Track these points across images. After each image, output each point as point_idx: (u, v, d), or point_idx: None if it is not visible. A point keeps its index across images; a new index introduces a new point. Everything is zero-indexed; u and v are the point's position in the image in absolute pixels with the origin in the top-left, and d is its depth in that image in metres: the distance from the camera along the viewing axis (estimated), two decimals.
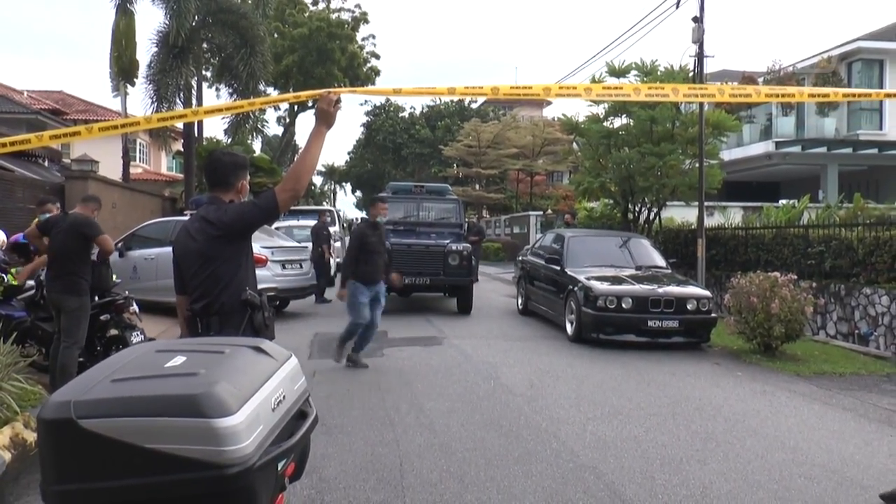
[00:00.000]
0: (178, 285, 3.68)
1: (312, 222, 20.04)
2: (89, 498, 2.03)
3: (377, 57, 46.26)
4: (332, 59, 40.48)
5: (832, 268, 11.71)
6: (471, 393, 7.38)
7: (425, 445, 5.58)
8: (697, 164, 15.02)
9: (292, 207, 24.59)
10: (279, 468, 2.27)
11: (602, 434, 5.99)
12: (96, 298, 7.23)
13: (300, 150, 3.54)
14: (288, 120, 46.24)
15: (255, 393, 2.19)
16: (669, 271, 11.92)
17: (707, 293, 10.66)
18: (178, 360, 2.27)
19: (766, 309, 9.42)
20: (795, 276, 10.06)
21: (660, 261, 12.32)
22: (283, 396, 2.37)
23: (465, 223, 15.08)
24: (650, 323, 10.11)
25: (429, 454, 5.37)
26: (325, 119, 3.52)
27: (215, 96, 36.42)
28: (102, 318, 7.36)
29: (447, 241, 13.41)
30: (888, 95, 4.78)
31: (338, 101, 3.54)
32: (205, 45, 22.68)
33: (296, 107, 44.48)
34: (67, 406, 2.02)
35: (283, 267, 12.83)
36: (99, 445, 1.99)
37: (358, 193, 71.33)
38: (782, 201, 18.94)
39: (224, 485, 2.01)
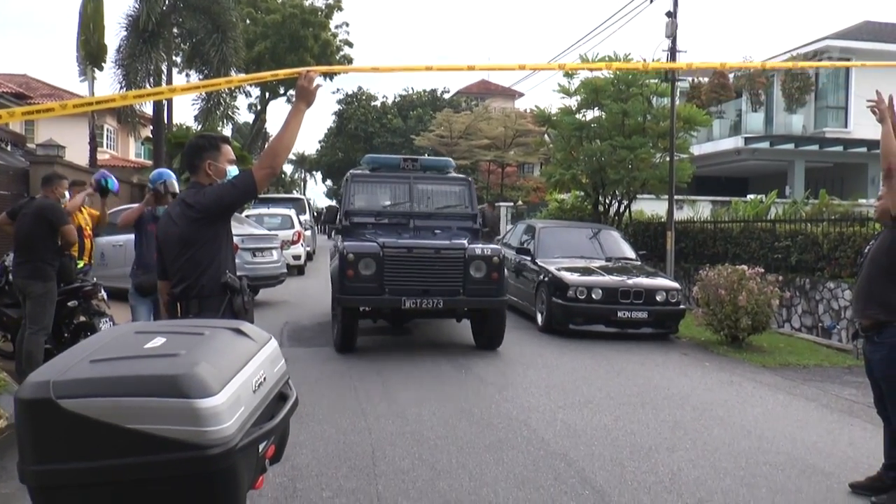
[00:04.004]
0: (160, 270, 3.72)
1: (284, 211, 19.95)
2: (69, 478, 2.01)
3: (350, 45, 46.04)
4: (304, 46, 40.16)
5: (798, 262, 11.91)
6: (441, 382, 7.41)
7: (397, 433, 5.60)
8: (668, 158, 15.16)
9: (262, 196, 24.22)
10: (260, 450, 2.27)
11: (572, 422, 6.05)
12: (62, 285, 7.11)
13: (279, 128, 3.54)
14: (259, 107, 45.83)
15: (237, 374, 2.18)
16: (639, 263, 12.03)
17: (676, 285, 10.79)
18: (158, 341, 2.25)
19: (734, 301, 9.56)
20: (762, 270, 10.22)
21: (630, 253, 12.43)
22: (264, 378, 2.36)
23: (481, 213, 10.53)
24: (620, 314, 10.21)
25: (400, 442, 5.39)
26: (305, 97, 3.57)
27: (185, 82, 35.92)
28: (70, 304, 7.25)
29: (463, 241, 8.92)
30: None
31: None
32: (175, 31, 22.36)
33: (267, 94, 44.11)
34: (46, 386, 2.00)
35: (254, 255, 12.74)
36: (78, 426, 1.97)
37: (328, 182, 70.96)
38: (750, 196, 19.19)
39: (206, 465, 2.00)
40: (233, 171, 3.68)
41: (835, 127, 24.28)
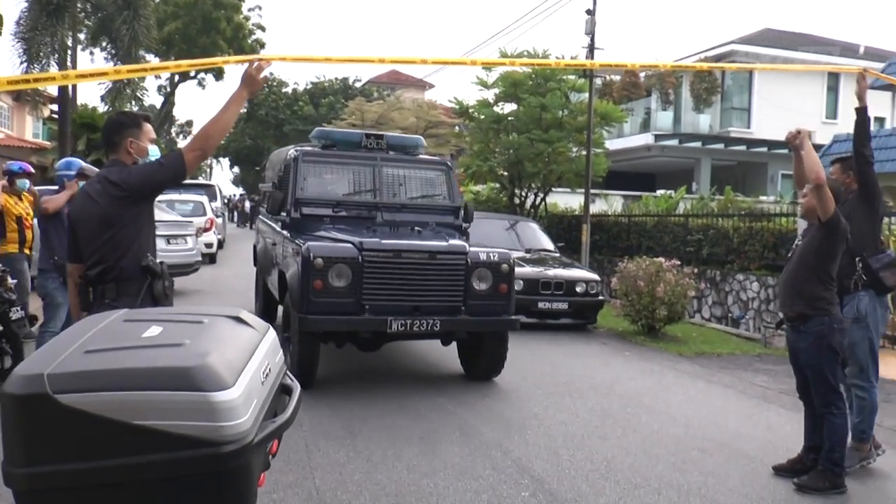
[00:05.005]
0: (72, 253, 3.51)
1: (195, 197, 19.32)
2: (65, 480, 1.83)
3: (262, 29, 44.97)
4: (216, 28, 38.92)
5: (709, 255, 12.36)
6: (368, 373, 7.34)
7: (328, 425, 5.48)
8: (584, 152, 15.45)
9: None
10: (268, 445, 2.14)
11: (503, 412, 6.07)
12: None
13: (216, 111, 3.41)
14: (168, 90, 44.18)
15: (246, 365, 2.03)
16: (557, 255, 12.21)
17: (595, 276, 10.99)
18: (155, 329, 2.08)
19: (652, 292, 9.83)
20: (679, 262, 10.54)
21: (548, 244, 12.59)
22: (269, 369, 2.22)
23: (464, 207, 8.11)
24: (540, 304, 10.33)
25: (333, 434, 5.28)
26: (250, 84, 3.47)
27: (90, 61, 34.28)
28: None
29: (462, 244, 6.95)
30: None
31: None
32: (79, 5, 21.20)
33: (176, 77, 42.56)
34: (40, 379, 1.80)
35: (168, 242, 12.23)
36: (78, 423, 1.79)
37: (235, 169, 69.25)
38: (660, 191, 19.81)
39: (220, 463, 1.85)
40: (153, 150, 3.60)
41: (739, 127, 25.39)
